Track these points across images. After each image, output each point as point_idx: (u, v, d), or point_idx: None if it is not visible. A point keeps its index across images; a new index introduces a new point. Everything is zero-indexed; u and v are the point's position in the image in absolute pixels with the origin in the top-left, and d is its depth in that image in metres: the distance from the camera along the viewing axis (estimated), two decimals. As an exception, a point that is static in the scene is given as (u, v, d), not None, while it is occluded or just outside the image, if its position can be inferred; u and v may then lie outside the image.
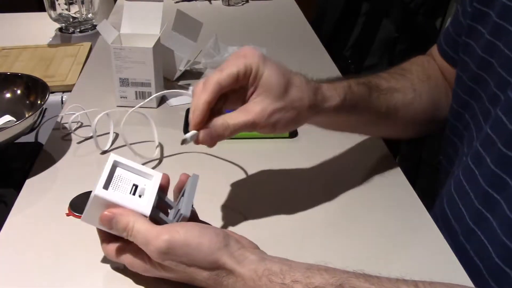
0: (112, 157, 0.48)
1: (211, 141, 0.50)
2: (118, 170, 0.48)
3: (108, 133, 0.71)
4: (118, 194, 0.46)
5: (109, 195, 0.45)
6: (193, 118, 0.49)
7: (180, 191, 0.51)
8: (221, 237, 0.44)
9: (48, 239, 0.54)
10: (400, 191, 0.63)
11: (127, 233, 0.44)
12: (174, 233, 0.43)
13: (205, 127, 0.49)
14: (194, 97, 0.49)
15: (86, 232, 0.55)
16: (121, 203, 0.45)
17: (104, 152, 0.69)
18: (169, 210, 0.50)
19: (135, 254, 0.46)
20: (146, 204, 0.46)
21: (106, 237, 0.48)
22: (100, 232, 0.48)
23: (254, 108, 0.50)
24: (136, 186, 0.47)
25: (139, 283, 0.48)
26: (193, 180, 0.49)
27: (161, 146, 0.71)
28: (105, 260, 0.51)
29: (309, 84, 0.53)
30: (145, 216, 0.45)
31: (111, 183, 0.47)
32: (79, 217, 0.57)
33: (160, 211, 0.48)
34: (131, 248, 0.46)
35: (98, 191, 0.45)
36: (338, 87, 0.55)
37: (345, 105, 0.55)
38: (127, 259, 0.46)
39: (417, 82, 0.66)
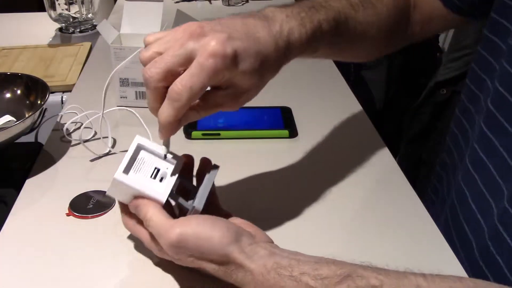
0: (137, 139, 0.49)
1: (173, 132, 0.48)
2: (142, 153, 0.49)
3: (107, 136, 0.71)
4: (137, 178, 0.47)
5: (127, 179, 0.47)
6: (163, 135, 0.47)
7: (200, 175, 0.51)
8: (233, 231, 0.44)
9: (48, 239, 0.54)
10: (400, 191, 0.63)
11: (145, 223, 0.46)
12: (186, 226, 0.43)
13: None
14: (158, 112, 0.45)
15: (86, 232, 0.55)
16: (138, 188, 0.46)
17: (94, 159, 0.68)
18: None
19: (151, 237, 0.46)
20: (163, 191, 0.47)
21: (128, 210, 0.49)
22: (121, 203, 0.50)
23: (230, 104, 0.48)
24: (158, 170, 0.48)
25: (138, 282, 0.48)
26: (212, 172, 0.50)
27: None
28: (105, 260, 0.51)
29: (278, 51, 0.48)
30: (160, 202, 0.46)
31: (133, 166, 0.48)
32: (79, 217, 0.57)
33: (181, 196, 0.49)
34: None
35: (118, 175, 0.46)
36: (310, 32, 0.50)
37: (308, 50, 0.52)
38: (145, 237, 0.47)
39: (384, 17, 0.62)
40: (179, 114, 0.44)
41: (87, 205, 0.58)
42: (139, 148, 0.49)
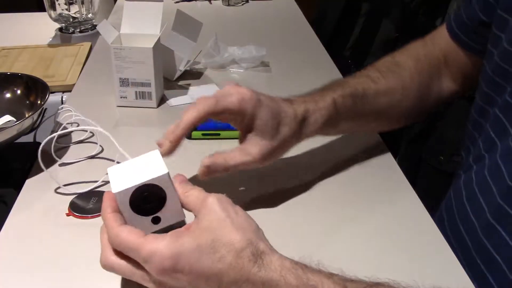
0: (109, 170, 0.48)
1: (208, 176, 0.53)
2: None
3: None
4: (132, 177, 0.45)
5: (127, 184, 0.44)
6: (175, 132, 0.52)
7: None
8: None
9: (48, 239, 0.54)
10: (400, 191, 0.63)
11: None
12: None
13: (205, 165, 0.52)
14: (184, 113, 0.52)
15: (86, 232, 0.55)
16: (140, 182, 0.44)
17: (81, 160, 0.68)
18: None
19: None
20: (160, 169, 0.45)
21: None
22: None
23: (252, 150, 0.54)
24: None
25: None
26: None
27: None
28: (105, 260, 0.51)
29: (296, 118, 0.55)
30: (166, 173, 0.44)
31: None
32: (79, 217, 0.57)
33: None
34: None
35: (115, 189, 0.44)
36: (323, 108, 0.57)
37: (328, 124, 0.58)
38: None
39: (408, 80, 0.65)
40: (197, 118, 0.52)
41: (87, 205, 0.58)
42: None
